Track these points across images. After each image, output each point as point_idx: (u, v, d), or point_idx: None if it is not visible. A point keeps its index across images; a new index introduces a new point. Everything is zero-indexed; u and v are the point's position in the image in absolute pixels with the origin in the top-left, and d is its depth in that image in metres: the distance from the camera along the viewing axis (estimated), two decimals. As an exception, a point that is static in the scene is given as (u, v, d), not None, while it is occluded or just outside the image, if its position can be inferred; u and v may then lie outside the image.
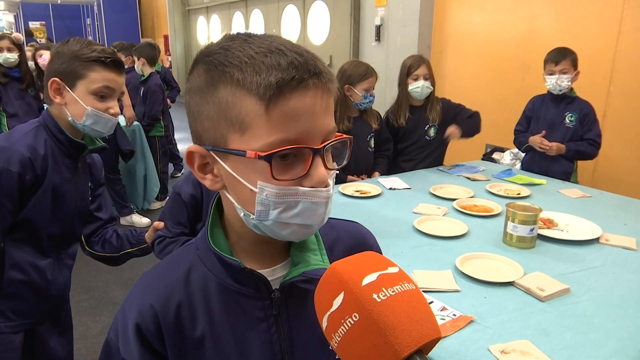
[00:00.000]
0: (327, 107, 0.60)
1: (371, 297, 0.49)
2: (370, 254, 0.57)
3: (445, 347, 1.18)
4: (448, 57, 5.21)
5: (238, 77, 0.57)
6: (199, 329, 0.67)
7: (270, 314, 0.68)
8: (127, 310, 0.68)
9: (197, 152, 0.64)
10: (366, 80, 2.60)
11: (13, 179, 1.29)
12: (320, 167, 0.60)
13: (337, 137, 0.62)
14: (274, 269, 0.70)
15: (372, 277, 0.51)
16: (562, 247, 1.77)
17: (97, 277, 3.34)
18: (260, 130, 0.57)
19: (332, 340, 0.51)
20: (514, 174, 2.78)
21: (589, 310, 1.34)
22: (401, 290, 0.50)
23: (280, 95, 0.56)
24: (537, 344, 1.18)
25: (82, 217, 1.54)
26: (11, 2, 13.54)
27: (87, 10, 15.47)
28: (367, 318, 0.48)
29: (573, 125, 2.85)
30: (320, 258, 0.70)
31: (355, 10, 6.36)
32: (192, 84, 0.63)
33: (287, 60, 0.57)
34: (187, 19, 12.15)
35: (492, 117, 4.79)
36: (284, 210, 0.60)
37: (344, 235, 0.78)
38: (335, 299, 0.51)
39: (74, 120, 1.38)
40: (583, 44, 3.62)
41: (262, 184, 0.59)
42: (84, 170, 1.53)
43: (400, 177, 2.68)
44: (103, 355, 0.71)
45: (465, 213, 2.11)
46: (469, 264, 1.59)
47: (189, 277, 0.68)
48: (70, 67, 1.35)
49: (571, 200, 2.34)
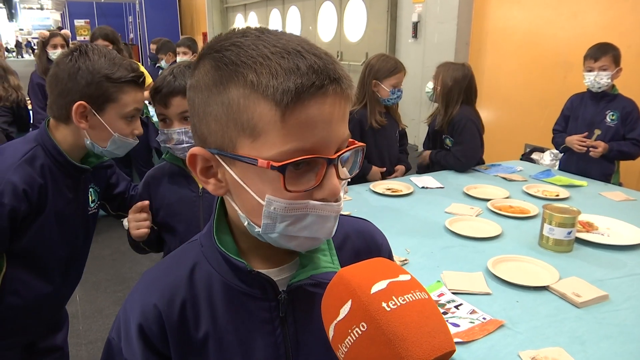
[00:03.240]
0: (344, 114, 0.57)
1: (380, 306, 0.46)
2: (381, 260, 0.55)
3: (473, 352, 1.14)
4: (487, 54, 5.09)
5: (252, 79, 0.53)
6: (202, 329, 0.65)
7: (276, 316, 0.66)
8: (129, 310, 0.67)
9: (200, 155, 0.60)
10: (394, 76, 2.53)
11: (3, 212, 1.16)
12: (333, 177, 0.57)
13: (350, 146, 0.59)
14: (280, 269, 0.67)
15: (381, 284, 0.48)
16: (602, 251, 1.69)
17: (132, 268, 3.42)
18: (274, 137, 0.54)
19: (338, 352, 0.49)
20: (553, 175, 2.68)
21: (629, 320, 1.28)
22: (413, 299, 0.48)
23: (299, 102, 0.52)
24: (571, 352, 1.12)
25: (87, 229, 1.44)
26: (58, 1, 14.07)
27: (129, 9, 15.89)
28: (376, 328, 0.46)
29: (614, 124, 2.73)
30: (330, 259, 0.67)
31: (392, 6, 6.30)
32: (198, 81, 0.59)
33: (307, 63, 0.53)
34: (225, 16, 12.30)
35: (531, 117, 4.65)
36: (292, 224, 0.58)
37: (353, 233, 0.75)
38: (343, 307, 0.49)
39: (92, 143, 1.26)
40: (631, 41, 3.46)
41: (270, 198, 0.56)
42: (85, 181, 1.41)
43: (434, 176, 2.63)
44: (105, 356, 0.69)
45: (499, 214, 2.04)
46: (501, 267, 1.54)
47: (193, 275, 0.67)
48: (100, 90, 1.21)
49: (613, 203, 2.23)
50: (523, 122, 4.79)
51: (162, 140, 1.39)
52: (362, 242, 0.75)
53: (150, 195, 1.47)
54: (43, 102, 3.76)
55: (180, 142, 1.36)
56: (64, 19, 15.75)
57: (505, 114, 5.03)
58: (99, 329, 2.72)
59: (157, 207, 1.46)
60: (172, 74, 1.35)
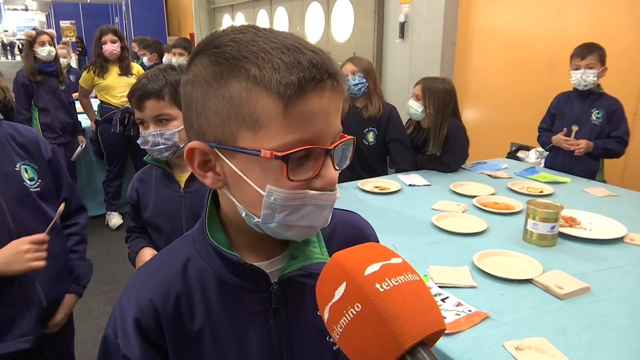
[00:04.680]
0: (338, 108, 0.60)
1: (374, 287, 0.48)
2: (373, 244, 0.56)
3: (459, 343, 1.17)
4: (473, 54, 5.15)
5: (255, 73, 0.54)
6: (197, 322, 0.66)
7: (269, 307, 0.68)
8: (125, 306, 0.67)
9: (198, 149, 0.61)
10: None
11: None
12: (330, 167, 0.59)
13: (342, 138, 0.61)
14: (272, 262, 0.69)
15: (375, 267, 0.50)
16: (584, 245, 1.73)
17: (122, 269, 3.41)
18: (276, 129, 0.56)
19: (333, 332, 0.50)
20: (537, 172, 2.73)
21: (610, 310, 1.31)
22: (405, 280, 0.49)
23: (300, 94, 0.54)
24: (554, 342, 1.15)
25: (26, 205, 1.34)
26: (43, 2, 13.91)
27: (115, 9, 15.76)
28: (370, 308, 0.47)
29: (600, 122, 2.78)
30: (320, 251, 0.69)
31: (380, 7, 6.33)
32: (196, 76, 0.59)
33: (307, 58, 0.55)
34: (212, 17, 12.25)
35: (517, 115, 4.71)
36: (290, 214, 0.59)
37: (341, 225, 0.77)
38: (337, 289, 0.50)
39: None
40: (614, 40, 3.52)
41: (271, 188, 0.58)
42: (2, 152, 1.33)
43: (421, 174, 2.66)
44: (102, 353, 0.69)
45: (485, 210, 2.08)
46: (486, 261, 1.57)
47: (187, 270, 0.68)
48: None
49: (596, 199, 2.28)
50: (509, 121, 4.84)
51: (141, 143, 1.42)
52: (350, 233, 0.77)
53: (138, 195, 1.50)
54: (26, 103, 3.74)
55: (156, 144, 1.38)
56: (49, 20, 15.59)
57: (491, 113, 5.08)
58: (89, 329, 2.72)
59: (144, 206, 1.49)
60: (146, 77, 1.37)
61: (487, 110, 5.11)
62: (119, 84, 3.99)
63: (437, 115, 2.62)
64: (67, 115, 3.95)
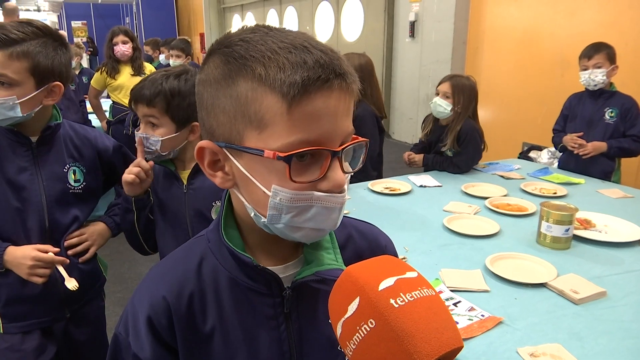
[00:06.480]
0: (348, 109, 0.59)
1: (388, 303, 0.46)
2: (388, 257, 0.55)
3: (472, 348, 1.14)
4: (484, 53, 5.10)
5: (260, 72, 0.54)
6: (209, 323, 0.66)
7: (281, 312, 0.67)
8: (137, 304, 0.67)
9: (208, 148, 0.61)
10: None
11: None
12: (337, 170, 0.58)
13: (354, 140, 0.60)
14: (286, 266, 0.68)
15: (389, 281, 0.48)
16: (599, 248, 1.70)
17: (131, 269, 3.42)
18: (280, 129, 0.55)
19: (346, 349, 0.49)
20: (551, 173, 2.69)
21: (627, 316, 1.28)
22: (420, 296, 0.48)
23: (305, 94, 0.54)
24: (569, 349, 1.13)
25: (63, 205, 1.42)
26: (54, 3, 14.03)
27: (126, 9, 15.87)
28: (384, 325, 0.46)
29: (614, 121, 2.73)
30: (334, 257, 0.68)
31: (390, 6, 6.30)
32: (207, 75, 0.60)
33: (313, 58, 0.54)
34: (222, 16, 12.31)
35: (529, 115, 4.66)
36: (297, 215, 0.59)
37: (356, 234, 0.76)
38: (351, 304, 0.49)
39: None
40: (628, 38, 3.47)
41: (277, 188, 0.57)
42: (57, 152, 1.41)
43: (432, 174, 2.63)
44: (112, 351, 0.69)
45: (497, 212, 2.05)
46: (499, 264, 1.54)
47: (201, 269, 0.67)
48: None
49: (611, 201, 2.24)
50: (521, 121, 4.80)
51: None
52: (365, 243, 0.76)
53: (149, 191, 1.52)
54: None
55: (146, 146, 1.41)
56: (61, 20, 15.71)
57: (502, 113, 5.03)
58: (98, 329, 2.72)
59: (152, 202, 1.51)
60: (146, 80, 1.39)
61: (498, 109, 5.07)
62: (132, 84, 4.00)
63: (462, 113, 2.59)
64: (77, 114, 3.97)
